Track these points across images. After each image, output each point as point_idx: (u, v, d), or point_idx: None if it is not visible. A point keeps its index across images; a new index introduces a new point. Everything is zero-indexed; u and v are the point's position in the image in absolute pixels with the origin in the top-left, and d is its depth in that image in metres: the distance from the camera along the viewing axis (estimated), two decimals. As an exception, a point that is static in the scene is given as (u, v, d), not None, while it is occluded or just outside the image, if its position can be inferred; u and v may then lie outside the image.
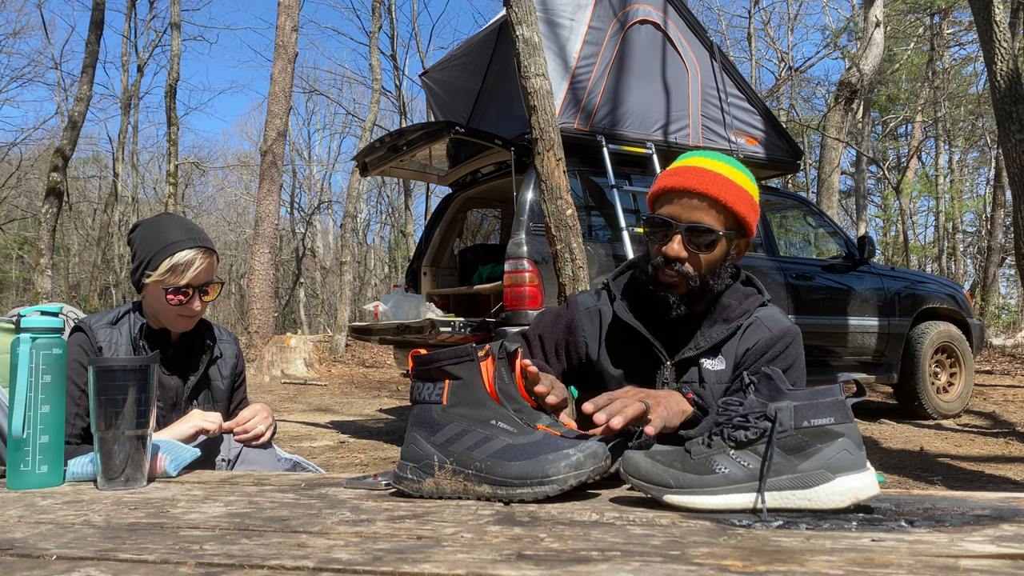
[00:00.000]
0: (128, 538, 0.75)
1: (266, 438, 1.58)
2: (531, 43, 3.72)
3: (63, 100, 21.26)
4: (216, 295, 1.60)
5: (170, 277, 1.52)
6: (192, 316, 1.58)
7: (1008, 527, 0.72)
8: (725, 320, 1.33)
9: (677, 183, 1.28)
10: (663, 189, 1.31)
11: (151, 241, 1.56)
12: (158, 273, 1.52)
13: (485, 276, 5.02)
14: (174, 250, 1.52)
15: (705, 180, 1.26)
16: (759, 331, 1.33)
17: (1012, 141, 4.68)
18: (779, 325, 1.34)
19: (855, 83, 8.47)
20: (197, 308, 1.57)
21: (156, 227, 1.58)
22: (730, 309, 1.33)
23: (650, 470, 0.85)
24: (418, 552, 0.67)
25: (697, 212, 1.26)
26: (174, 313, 1.55)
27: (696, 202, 1.26)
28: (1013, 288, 21.92)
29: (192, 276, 1.54)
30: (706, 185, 1.26)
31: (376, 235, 31.28)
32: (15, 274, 24.44)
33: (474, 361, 0.96)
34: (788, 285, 4.97)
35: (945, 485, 3.55)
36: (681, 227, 1.27)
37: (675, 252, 1.27)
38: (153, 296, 1.55)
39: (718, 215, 1.27)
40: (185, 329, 1.61)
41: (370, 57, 15.23)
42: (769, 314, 1.36)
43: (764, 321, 1.34)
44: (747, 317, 1.33)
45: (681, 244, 1.27)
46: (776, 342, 1.32)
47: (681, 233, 1.27)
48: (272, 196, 10.22)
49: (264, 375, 9.48)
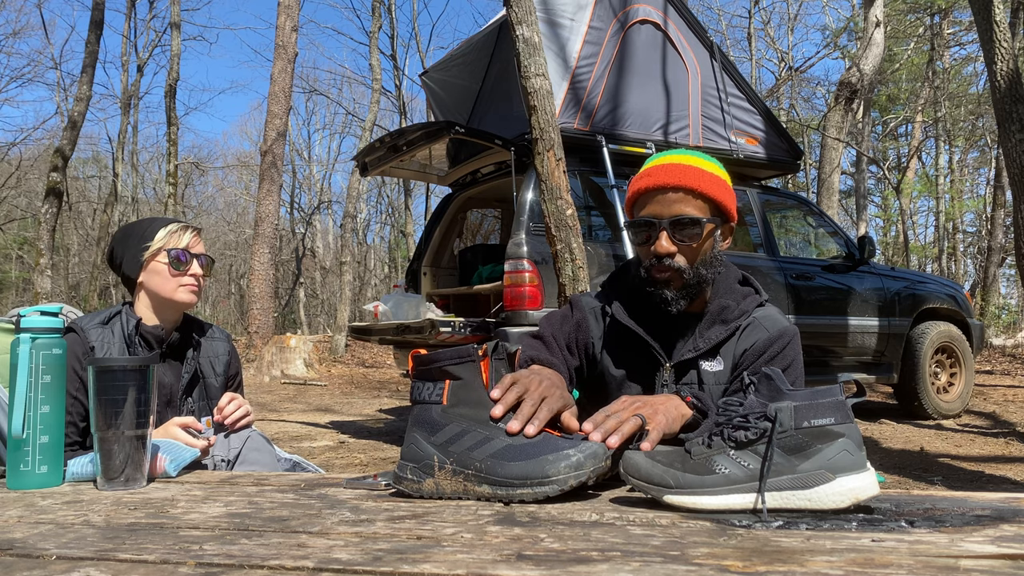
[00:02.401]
0: (128, 538, 0.75)
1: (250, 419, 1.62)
2: (531, 43, 3.72)
3: (63, 100, 21.28)
4: (210, 269, 1.67)
5: (170, 240, 1.60)
6: (195, 284, 1.62)
7: (1008, 527, 0.72)
8: (723, 321, 1.33)
9: (651, 183, 1.30)
10: (639, 192, 1.33)
11: (137, 228, 1.64)
12: (157, 239, 1.59)
13: (485, 276, 5.02)
14: (163, 223, 1.63)
15: (678, 174, 1.29)
16: (757, 332, 1.33)
17: (1012, 141, 4.68)
18: (777, 325, 1.34)
19: (855, 83, 8.47)
20: (199, 272, 1.62)
21: (137, 222, 1.67)
22: (728, 310, 1.34)
23: (650, 470, 0.85)
24: (418, 552, 0.67)
25: (677, 206, 1.28)
26: (177, 283, 1.59)
27: (674, 196, 1.28)
28: (1013, 288, 21.93)
29: (190, 240, 1.62)
30: (679, 178, 1.28)
31: (376, 235, 31.33)
32: (15, 274, 24.44)
33: (474, 361, 0.96)
34: (788, 285, 4.97)
35: (945, 485, 3.55)
36: (665, 223, 1.28)
37: (664, 248, 1.28)
38: (154, 273, 1.59)
39: (698, 205, 1.29)
40: (189, 300, 1.61)
41: (370, 57, 15.24)
42: (767, 314, 1.36)
43: (762, 321, 1.35)
44: (745, 317, 1.34)
45: (668, 239, 1.28)
46: (774, 342, 1.32)
47: (666, 229, 1.28)
48: (272, 196, 10.23)
49: (264, 375, 9.48)
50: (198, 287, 1.62)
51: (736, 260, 4.87)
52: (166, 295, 1.59)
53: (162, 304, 1.61)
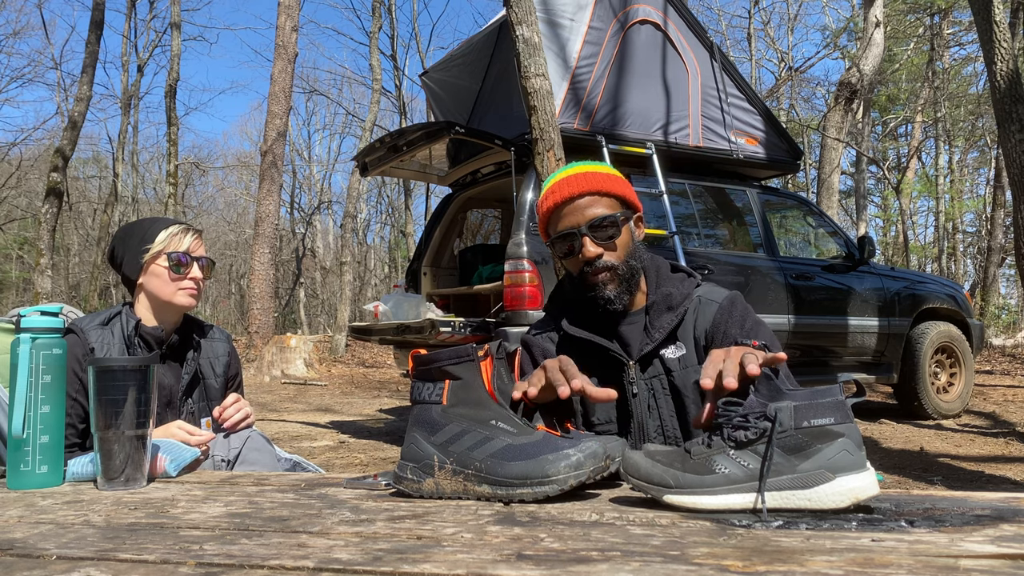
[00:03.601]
0: (128, 538, 0.75)
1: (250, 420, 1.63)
2: (531, 43, 3.72)
3: (63, 100, 21.28)
4: (211, 271, 1.67)
5: (171, 243, 1.60)
6: (195, 288, 1.62)
7: (1008, 527, 0.72)
8: (669, 308, 1.37)
9: (558, 198, 1.37)
10: (549, 211, 1.39)
11: (138, 228, 1.63)
12: (158, 242, 1.59)
13: (485, 276, 5.02)
14: (164, 225, 1.62)
15: (579, 182, 1.36)
16: (708, 307, 1.37)
17: (1012, 141, 4.68)
18: (722, 295, 1.39)
19: (855, 83, 8.47)
20: (199, 275, 1.62)
21: (138, 222, 1.66)
22: (671, 297, 1.37)
23: (650, 470, 0.85)
24: (418, 552, 0.67)
25: (588, 211, 1.35)
26: (176, 286, 1.59)
27: (582, 203, 1.35)
28: (1013, 288, 21.93)
29: (191, 243, 1.62)
30: (582, 185, 1.35)
31: (376, 235, 31.33)
32: (15, 274, 24.43)
33: (474, 361, 0.96)
34: (788, 285, 4.96)
35: (945, 485, 3.55)
36: (583, 228, 1.34)
37: (591, 252, 1.33)
38: (154, 275, 1.59)
39: (607, 203, 1.36)
40: (188, 304, 1.61)
41: (370, 57, 15.24)
42: (709, 290, 1.41)
43: (708, 297, 1.39)
44: (689, 300, 1.38)
45: (592, 242, 1.34)
46: (728, 309, 1.36)
47: (587, 234, 1.34)
48: (272, 196, 10.23)
49: (264, 375, 9.48)
50: (198, 290, 1.62)
51: (736, 260, 4.90)
52: (165, 298, 1.59)
53: (161, 306, 1.61)
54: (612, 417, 1.36)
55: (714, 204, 5.23)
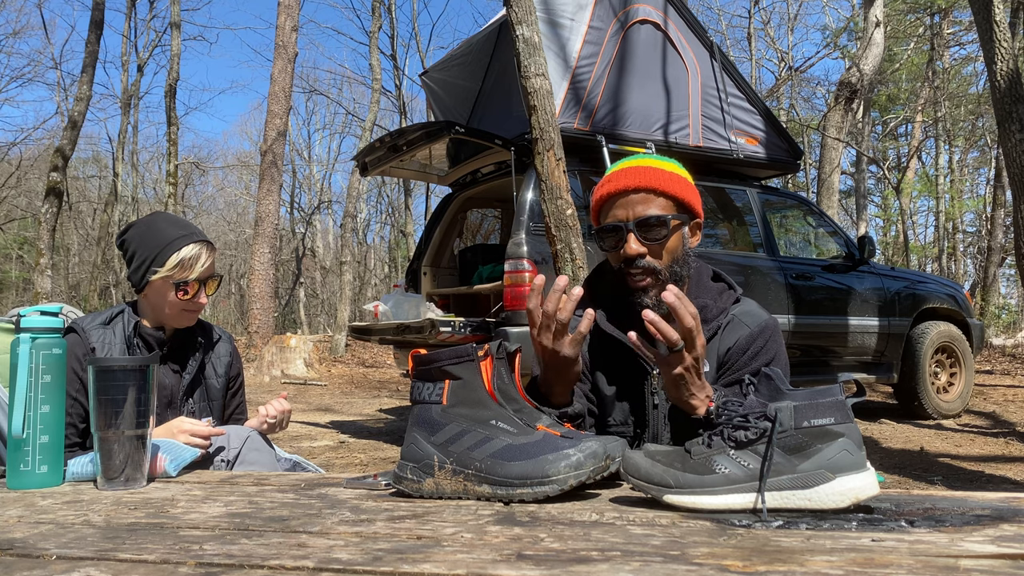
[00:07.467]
0: (128, 538, 0.75)
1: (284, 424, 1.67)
2: (531, 43, 3.72)
3: (63, 100, 21.29)
4: (216, 288, 1.63)
5: (179, 272, 1.54)
6: (197, 311, 1.61)
7: (1008, 527, 0.72)
8: (704, 321, 1.32)
9: (613, 188, 1.31)
10: (602, 199, 1.34)
11: (152, 239, 1.56)
12: (166, 268, 1.53)
13: (485, 276, 5.02)
14: (179, 245, 1.55)
15: (638, 176, 1.30)
16: (738, 329, 1.33)
17: (1012, 141, 4.68)
18: (756, 320, 1.34)
19: (855, 83, 8.47)
20: (203, 302, 1.60)
21: (153, 226, 1.59)
22: (707, 310, 1.33)
23: (650, 470, 0.85)
24: (418, 552, 0.67)
25: (640, 207, 1.29)
26: (180, 308, 1.57)
27: (636, 198, 1.29)
28: (1013, 288, 21.94)
29: (200, 271, 1.57)
30: (640, 180, 1.29)
31: (376, 235, 31.32)
32: (15, 274, 24.44)
33: (474, 361, 0.96)
34: (788, 285, 4.96)
35: (945, 485, 3.55)
36: (630, 224, 1.28)
37: (634, 250, 1.28)
38: (158, 293, 1.56)
39: (661, 204, 1.29)
40: (187, 324, 1.61)
41: (370, 57, 15.24)
42: (746, 310, 1.36)
43: (742, 318, 1.34)
44: (724, 316, 1.34)
45: (637, 240, 1.28)
46: (756, 338, 1.32)
47: (633, 230, 1.28)
48: (272, 196, 10.23)
49: (264, 375, 9.49)
50: (199, 310, 1.62)
51: (736, 260, 4.90)
52: (165, 316, 1.59)
53: (161, 318, 1.60)
54: (629, 421, 1.34)
55: (714, 204, 5.23)
